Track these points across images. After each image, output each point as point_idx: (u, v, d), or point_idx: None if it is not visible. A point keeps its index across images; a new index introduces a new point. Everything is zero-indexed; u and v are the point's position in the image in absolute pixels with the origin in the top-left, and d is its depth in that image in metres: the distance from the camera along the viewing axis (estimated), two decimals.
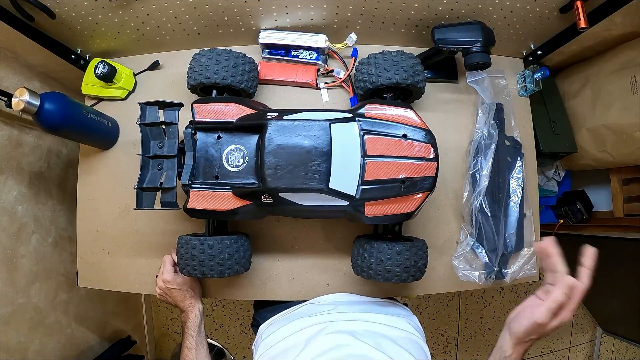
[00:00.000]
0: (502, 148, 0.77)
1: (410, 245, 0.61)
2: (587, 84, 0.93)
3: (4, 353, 0.80)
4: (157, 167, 0.63)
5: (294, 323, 0.64)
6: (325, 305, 0.70)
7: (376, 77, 0.64)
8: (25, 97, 0.58)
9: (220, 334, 1.67)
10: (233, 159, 0.61)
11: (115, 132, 0.79)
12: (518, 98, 0.83)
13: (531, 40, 0.81)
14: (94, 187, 0.79)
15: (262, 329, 0.72)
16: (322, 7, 0.69)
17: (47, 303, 0.94)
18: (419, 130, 0.59)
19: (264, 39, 0.75)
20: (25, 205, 0.87)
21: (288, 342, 0.61)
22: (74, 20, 0.70)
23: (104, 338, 1.18)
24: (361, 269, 0.63)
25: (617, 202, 1.07)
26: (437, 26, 0.69)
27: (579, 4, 0.64)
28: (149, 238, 0.77)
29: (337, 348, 0.54)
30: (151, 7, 0.68)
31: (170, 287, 0.69)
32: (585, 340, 1.97)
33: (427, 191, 0.58)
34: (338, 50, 0.77)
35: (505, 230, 0.76)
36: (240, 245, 0.64)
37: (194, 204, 0.60)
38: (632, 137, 0.85)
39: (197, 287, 0.73)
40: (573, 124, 0.96)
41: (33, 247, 0.90)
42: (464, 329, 1.83)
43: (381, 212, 0.58)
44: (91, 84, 0.79)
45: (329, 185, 0.55)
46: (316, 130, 0.57)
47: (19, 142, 0.85)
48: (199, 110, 0.62)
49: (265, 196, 0.58)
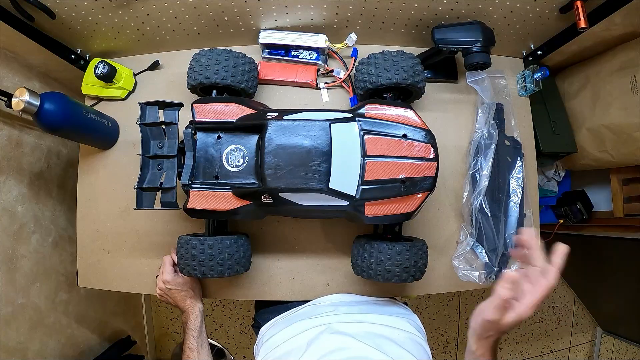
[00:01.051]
0: (502, 148, 0.77)
1: (410, 245, 0.61)
2: (587, 84, 0.93)
3: (4, 353, 0.80)
4: (157, 167, 0.63)
5: (295, 325, 0.64)
6: (326, 307, 0.70)
7: (376, 77, 0.64)
8: (25, 97, 0.58)
9: (220, 334, 1.67)
10: (233, 159, 0.61)
11: (115, 132, 0.79)
12: (518, 98, 0.83)
13: (531, 40, 0.81)
14: (94, 187, 0.79)
15: (263, 331, 0.72)
16: (322, 7, 0.69)
17: (47, 303, 0.94)
18: (419, 130, 0.59)
19: (264, 39, 0.75)
20: (25, 205, 0.87)
21: (290, 344, 0.61)
22: (74, 20, 0.70)
23: (104, 338, 1.18)
24: (361, 269, 0.63)
25: (617, 202, 1.07)
26: (437, 26, 0.69)
27: (579, 4, 0.64)
28: (149, 238, 0.77)
29: (339, 350, 0.54)
30: (151, 7, 0.68)
31: (171, 288, 0.69)
32: (585, 340, 1.97)
33: (427, 191, 0.58)
34: (338, 50, 0.77)
35: (505, 230, 0.76)
36: (240, 245, 0.64)
37: (194, 204, 0.60)
38: (632, 137, 0.85)
39: (197, 287, 0.73)
40: (573, 124, 0.96)
41: (33, 247, 0.90)
42: (464, 329, 1.83)
43: (381, 212, 0.58)
44: (91, 84, 0.79)
45: (329, 185, 0.55)
46: (316, 130, 0.57)
47: (19, 142, 0.85)
48: (199, 110, 0.62)
49: (265, 196, 0.58)
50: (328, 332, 0.58)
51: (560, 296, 1.92)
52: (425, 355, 0.59)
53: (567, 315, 1.93)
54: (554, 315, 1.92)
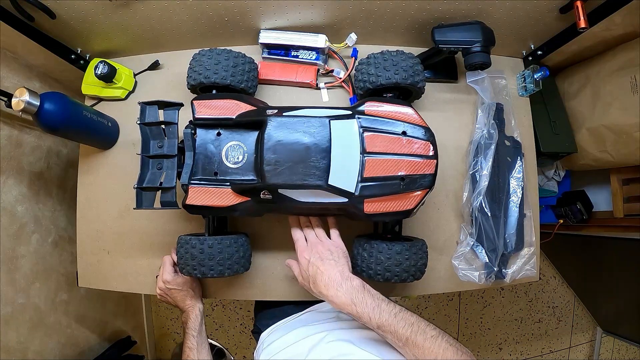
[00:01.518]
0: (502, 148, 0.77)
1: (410, 245, 0.61)
2: (587, 84, 0.93)
3: (4, 353, 0.80)
4: (157, 167, 0.63)
5: (296, 331, 0.64)
6: (327, 313, 0.69)
7: (376, 77, 0.64)
8: (25, 97, 0.58)
9: (220, 334, 1.67)
10: (232, 155, 0.61)
11: (115, 132, 0.79)
12: (518, 98, 0.83)
13: (531, 40, 0.81)
14: (94, 187, 0.79)
15: (263, 337, 0.72)
16: (322, 7, 0.69)
17: (47, 303, 0.94)
18: (418, 128, 0.59)
19: (264, 39, 0.75)
20: (25, 205, 0.87)
21: (291, 350, 0.60)
22: (74, 20, 0.70)
23: (104, 338, 1.18)
24: (361, 269, 0.63)
25: (617, 202, 1.07)
26: (437, 26, 0.69)
27: (579, 4, 0.64)
28: (149, 238, 0.77)
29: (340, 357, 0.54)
30: (151, 7, 0.68)
31: (171, 288, 0.69)
32: (585, 340, 1.97)
33: (426, 189, 0.58)
34: (338, 50, 0.77)
35: (505, 230, 0.76)
36: (240, 245, 0.64)
37: (193, 200, 0.60)
38: (632, 137, 0.85)
39: (197, 287, 0.72)
40: (573, 124, 0.96)
41: (33, 247, 0.90)
42: (464, 329, 1.83)
43: (380, 209, 0.58)
44: (91, 84, 0.79)
45: (328, 182, 0.55)
46: (316, 126, 0.57)
47: (19, 142, 0.85)
48: (199, 107, 0.62)
49: (265, 192, 0.58)
50: (328, 339, 0.58)
51: (560, 296, 1.92)
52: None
53: (567, 315, 1.93)
54: (554, 315, 1.92)
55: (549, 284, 1.90)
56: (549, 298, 1.91)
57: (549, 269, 1.88)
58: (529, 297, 1.88)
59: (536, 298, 1.89)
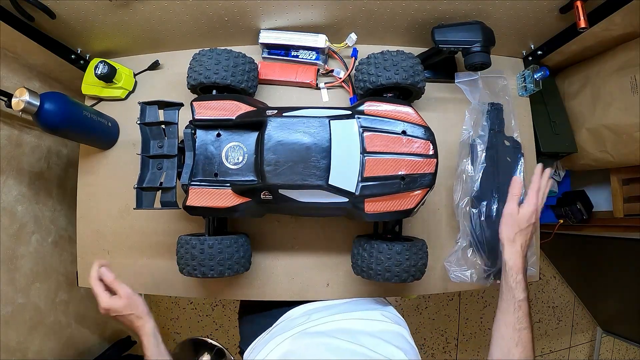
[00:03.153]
0: (502, 148, 0.76)
1: (410, 245, 0.61)
2: (587, 84, 0.93)
3: (4, 353, 0.80)
4: (157, 167, 0.63)
5: (271, 342, 0.61)
6: (299, 318, 0.68)
7: (376, 77, 0.64)
8: (25, 97, 0.58)
9: (220, 334, 1.67)
10: (232, 156, 0.61)
11: (115, 132, 0.79)
12: (518, 98, 0.83)
13: (531, 40, 0.81)
14: (94, 187, 0.79)
15: (245, 356, 0.69)
16: (322, 7, 0.69)
17: (47, 303, 0.94)
18: (418, 127, 0.59)
19: (264, 39, 0.75)
20: (25, 205, 0.87)
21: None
22: (74, 20, 0.70)
23: (104, 338, 1.18)
24: (361, 269, 0.63)
25: (617, 202, 1.08)
26: (437, 26, 0.69)
27: (579, 4, 0.64)
28: (149, 238, 0.77)
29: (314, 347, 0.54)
30: (151, 7, 0.68)
31: (113, 315, 0.60)
32: (585, 340, 1.97)
33: (426, 188, 0.58)
34: (338, 50, 0.77)
35: None
36: (240, 245, 0.64)
37: (194, 202, 0.60)
38: (632, 137, 0.85)
39: (139, 305, 0.62)
40: (573, 124, 0.96)
41: (33, 247, 0.90)
42: (464, 329, 1.83)
43: (381, 208, 0.58)
44: (91, 84, 0.79)
45: (328, 182, 0.55)
46: (316, 126, 0.57)
47: (19, 142, 0.85)
48: (199, 108, 0.62)
49: (265, 193, 0.58)
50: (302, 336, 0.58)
51: (560, 296, 1.92)
52: (404, 342, 0.59)
53: (567, 315, 1.93)
54: (554, 315, 1.92)
55: (549, 284, 1.90)
56: (549, 298, 1.91)
57: (549, 269, 1.88)
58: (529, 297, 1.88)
59: (536, 298, 1.90)
